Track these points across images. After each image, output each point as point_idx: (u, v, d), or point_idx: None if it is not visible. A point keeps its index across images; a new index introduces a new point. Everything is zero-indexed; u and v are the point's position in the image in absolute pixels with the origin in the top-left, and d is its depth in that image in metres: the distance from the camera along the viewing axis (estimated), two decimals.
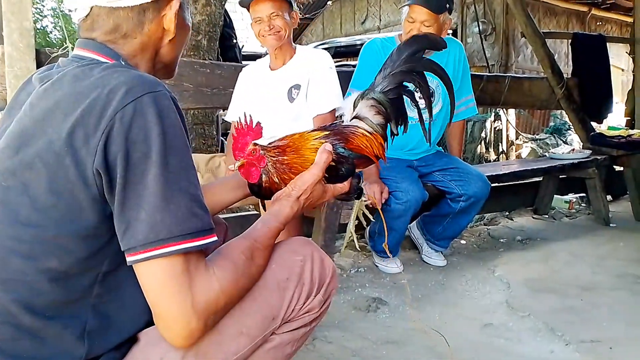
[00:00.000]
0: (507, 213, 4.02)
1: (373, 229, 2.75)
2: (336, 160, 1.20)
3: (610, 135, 4.07)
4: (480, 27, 7.56)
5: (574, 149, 4.63)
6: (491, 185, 2.74)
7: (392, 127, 1.39)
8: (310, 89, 2.34)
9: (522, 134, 7.58)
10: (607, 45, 4.60)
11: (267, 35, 2.27)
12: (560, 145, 6.95)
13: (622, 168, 4.20)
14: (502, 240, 3.37)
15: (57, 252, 0.84)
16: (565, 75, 4.39)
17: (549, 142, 7.25)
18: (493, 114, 6.88)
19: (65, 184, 0.82)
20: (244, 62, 3.36)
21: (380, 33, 9.57)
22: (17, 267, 0.84)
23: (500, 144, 7.11)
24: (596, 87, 4.40)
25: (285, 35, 2.29)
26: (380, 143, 1.33)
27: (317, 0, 11.38)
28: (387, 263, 2.77)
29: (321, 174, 1.15)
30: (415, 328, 2.06)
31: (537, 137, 7.63)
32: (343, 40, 7.89)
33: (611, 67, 4.71)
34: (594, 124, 4.56)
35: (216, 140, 4.20)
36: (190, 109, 3.52)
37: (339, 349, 1.89)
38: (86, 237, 0.85)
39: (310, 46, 3.58)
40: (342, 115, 1.38)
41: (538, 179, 4.03)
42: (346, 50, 6.97)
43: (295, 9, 2.34)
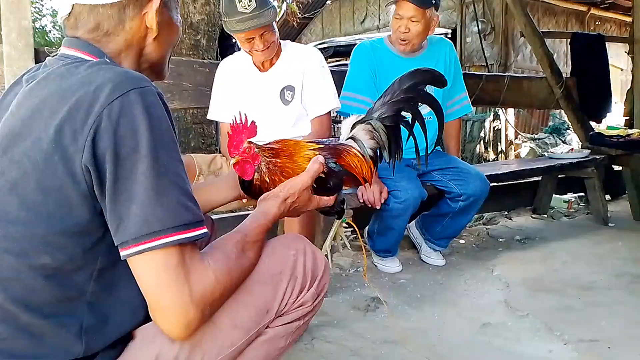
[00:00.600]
0: (506, 213, 4.02)
1: (372, 229, 2.75)
2: (326, 173, 1.25)
3: (609, 135, 4.07)
4: (480, 27, 7.57)
5: (573, 149, 4.63)
6: (490, 184, 2.74)
7: (385, 154, 1.45)
8: (306, 92, 2.32)
9: (521, 133, 7.60)
10: (606, 44, 4.60)
11: (259, 52, 2.21)
12: (559, 144, 6.96)
13: (621, 168, 4.20)
14: (501, 239, 3.37)
15: (48, 249, 0.84)
16: (564, 75, 4.39)
17: (548, 142, 7.27)
18: (492, 113, 6.90)
19: (54, 181, 0.82)
20: None
21: (379, 32, 9.58)
22: (11, 265, 0.84)
23: (499, 143, 7.13)
24: (595, 86, 4.40)
25: (276, 46, 2.25)
26: (370, 167, 1.38)
27: (316, 0, 11.38)
28: (386, 262, 2.77)
29: (310, 181, 1.18)
30: (412, 327, 2.07)
31: (536, 136, 7.64)
32: (342, 39, 7.91)
33: (610, 66, 4.71)
34: (593, 123, 4.56)
35: (215, 139, 4.21)
36: (189, 108, 3.53)
37: (338, 349, 1.90)
38: (77, 233, 0.85)
39: (309, 45, 3.56)
40: (339, 122, 1.44)
41: (537, 179, 4.03)
42: (345, 50, 6.97)
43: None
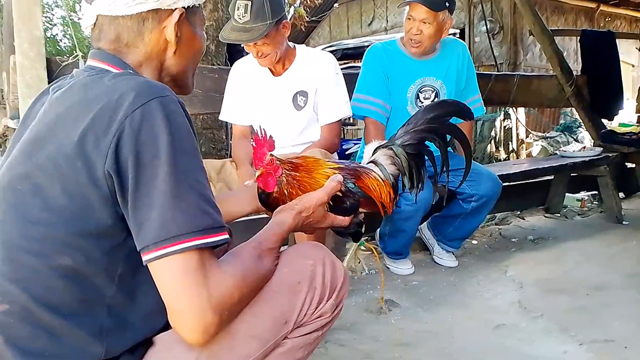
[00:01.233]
0: (519, 212, 4.00)
1: (383, 231, 2.75)
2: (343, 193, 1.25)
3: (621, 132, 4.04)
4: (488, 26, 7.53)
5: (584, 147, 4.60)
6: (502, 184, 2.73)
7: (406, 181, 1.44)
8: (319, 98, 2.31)
9: (532, 132, 7.54)
10: (617, 41, 4.56)
11: (259, 59, 2.23)
12: (571, 143, 6.90)
13: (634, 165, 4.16)
14: (513, 240, 3.35)
15: (69, 251, 0.86)
16: (574, 73, 4.36)
17: (560, 140, 7.21)
18: (502, 112, 6.85)
19: (77, 186, 0.85)
20: None
21: (387, 34, 9.56)
22: (31, 265, 0.86)
23: (510, 142, 7.08)
24: (606, 83, 4.37)
25: (276, 56, 2.22)
26: (389, 192, 1.38)
27: (324, 3, 11.39)
28: (399, 265, 2.76)
29: (326, 198, 1.19)
30: (427, 330, 2.06)
31: (548, 135, 7.58)
32: (350, 42, 7.90)
33: (621, 63, 4.66)
34: (604, 121, 4.52)
35: (226, 144, 4.22)
36: (199, 114, 3.55)
37: (351, 352, 1.89)
38: (97, 235, 0.87)
39: (318, 49, 3.57)
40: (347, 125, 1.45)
41: (549, 178, 4.00)
42: (353, 52, 6.98)
43: (286, 19, 2.23)
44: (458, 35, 8.05)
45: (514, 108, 6.68)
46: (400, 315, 2.22)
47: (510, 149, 7.06)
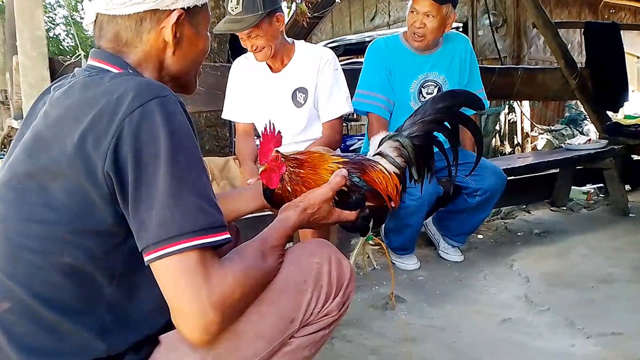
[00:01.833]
0: (524, 206, 3.98)
1: (388, 226, 2.74)
2: (348, 187, 1.24)
3: (627, 124, 4.01)
4: (491, 20, 7.50)
5: (590, 139, 4.57)
6: (507, 178, 2.72)
7: (413, 172, 1.41)
8: (319, 95, 2.30)
9: (537, 125, 7.51)
10: (621, 32, 4.53)
11: (254, 54, 2.22)
12: (576, 135, 6.86)
13: (639, 157, 4.14)
14: (519, 234, 3.34)
15: (70, 249, 0.86)
16: (579, 65, 4.34)
17: (565, 133, 7.17)
18: (507, 106, 6.83)
19: (78, 185, 0.85)
20: None
21: (390, 29, 9.53)
22: (33, 263, 0.87)
23: (515, 136, 7.05)
24: (611, 75, 4.34)
25: (270, 51, 2.20)
26: (396, 184, 1.35)
27: None
28: (404, 260, 2.76)
29: (331, 193, 1.18)
30: (432, 325, 2.06)
31: (553, 128, 7.54)
32: (353, 37, 7.89)
33: (626, 54, 4.63)
34: (609, 113, 4.49)
35: (229, 141, 4.23)
36: (202, 111, 3.56)
37: (357, 348, 1.89)
38: (98, 234, 0.87)
39: (320, 45, 3.56)
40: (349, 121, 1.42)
41: (554, 171, 3.98)
42: (356, 48, 6.97)
43: (280, 12, 2.21)
44: (461, 29, 8.02)
45: (518, 101, 6.66)
46: (406, 310, 2.21)
47: (515, 142, 7.04)
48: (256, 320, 0.97)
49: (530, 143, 7.23)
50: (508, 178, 2.74)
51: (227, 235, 0.88)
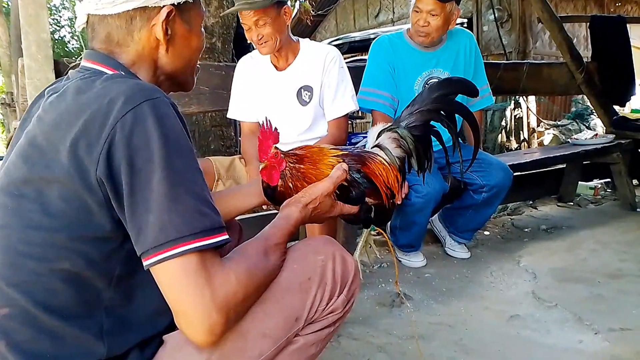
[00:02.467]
0: (531, 202, 3.96)
1: (394, 224, 2.74)
2: (349, 182, 1.24)
3: (634, 119, 3.98)
4: (496, 15, 7.46)
5: (597, 134, 4.54)
6: (513, 174, 2.71)
7: (413, 163, 1.41)
8: (324, 93, 2.30)
9: (544, 120, 7.47)
10: (628, 26, 4.49)
11: (259, 45, 2.21)
12: (583, 130, 6.82)
13: None
14: (526, 230, 3.33)
15: (68, 255, 0.86)
16: (585, 59, 4.31)
17: (572, 128, 7.13)
18: (513, 102, 6.79)
19: (73, 192, 0.85)
20: None
21: (394, 26, 9.51)
22: (32, 269, 0.87)
23: (521, 132, 7.02)
24: (617, 69, 4.30)
25: (275, 43, 2.20)
26: (396, 175, 1.35)
27: None
28: (411, 257, 2.75)
29: (332, 187, 1.18)
30: (440, 322, 2.05)
31: (559, 123, 7.50)
32: (357, 35, 7.86)
33: (632, 48, 4.59)
34: (616, 107, 4.46)
35: (235, 141, 4.23)
36: (207, 111, 3.56)
37: (364, 345, 1.89)
38: (96, 240, 0.87)
39: (324, 42, 3.55)
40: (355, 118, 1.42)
41: (561, 166, 3.97)
42: (360, 45, 6.94)
43: (288, 6, 2.22)
44: (465, 25, 7.98)
45: (524, 97, 6.63)
46: (413, 308, 2.21)
47: (522, 138, 7.00)
48: (261, 319, 0.97)
49: (537, 138, 7.19)
50: (515, 174, 2.73)
51: (226, 237, 0.88)
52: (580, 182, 4.07)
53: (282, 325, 1.00)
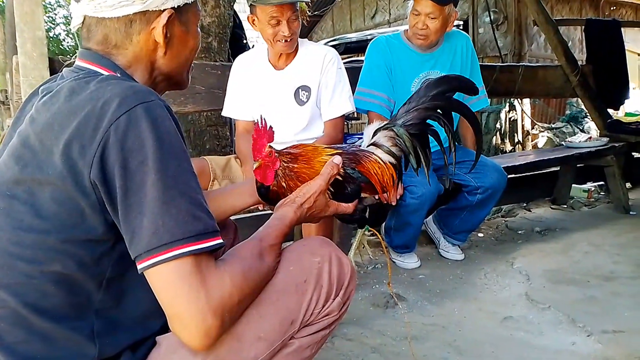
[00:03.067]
0: (525, 204, 3.98)
1: (389, 225, 2.74)
2: (343, 177, 1.22)
3: (628, 122, 4.02)
4: (492, 17, 7.49)
5: (591, 137, 4.56)
6: (508, 176, 2.72)
7: (412, 161, 1.39)
8: (322, 93, 2.30)
9: (538, 123, 7.50)
10: (622, 30, 4.51)
11: (282, 41, 2.18)
12: (577, 133, 6.85)
13: None
14: (520, 231, 3.34)
15: (60, 257, 0.86)
16: (580, 62, 4.33)
17: (566, 131, 7.16)
18: (507, 104, 6.82)
19: (66, 194, 0.84)
20: None
21: (390, 27, 9.52)
22: (23, 271, 0.86)
23: (515, 134, 7.05)
24: (612, 73, 4.33)
25: (296, 40, 2.23)
26: (392, 174, 1.33)
27: None
28: (405, 258, 2.76)
29: (325, 185, 1.17)
30: (434, 323, 2.06)
31: (554, 126, 7.53)
32: (353, 35, 7.87)
33: (627, 52, 4.63)
34: (610, 110, 4.48)
35: (230, 140, 4.22)
36: (203, 111, 3.55)
37: (358, 346, 1.89)
38: (88, 242, 0.86)
39: (321, 43, 3.56)
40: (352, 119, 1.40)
41: (555, 169, 3.98)
42: (357, 46, 6.95)
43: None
44: (461, 27, 8.01)
45: (519, 99, 6.65)
46: (407, 309, 2.21)
47: (516, 140, 7.04)
48: (256, 322, 0.96)
49: (531, 141, 7.23)
50: (509, 176, 2.74)
51: (219, 241, 0.87)
52: (574, 185, 4.09)
53: (278, 328, 0.99)
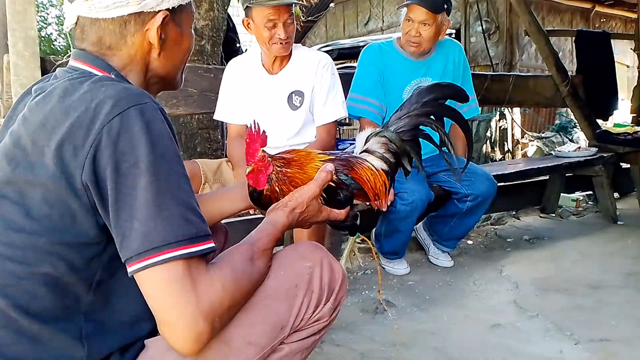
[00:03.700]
0: (514, 212, 4.00)
1: (379, 231, 2.74)
2: (336, 183, 1.22)
3: (617, 133, 4.05)
4: (484, 26, 7.56)
5: (580, 147, 4.60)
6: (497, 184, 2.73)
7: (406, 165, 1.40)
8: (315, 99, 2.31)
9: (528, 132, 7.57)
10: (612, 41, 4.57)
11: (278, 43, 2.18)
12: (567, 143, 6.91)
13: (628, 165, 4.17)
14: (509, 239, 3.35)
15: (50, 259, 0.85)
16: (570, 73, 4.37)
17: (555, 140, 7.23)
18: (498, 113, 6.87)
19: (58, 195, 0.83)
20: None
21: (383, 34, 9.56)
22: (13, 272, 0.85)
23: (505, 143, 7.10)
24: (601, 84, 4.38)
25: (292, 43, 2.24)
26: (384, 181, 1.33)
27: (320, 3, 11.39)
28: (395, 265, 2.76)
29: (318, 190, 1.15)
30: (423, 330, 2.06)
31: (543, 135, 7.60)
32: (346, 42, 7.90)
33: (616, 63, 4.68)
34: (599, 121, 4.53)
35: (222, 144, 4.21)
36: (195, 113, 3.54)
37: (347, 352, 1.89)
38: (79, 244, 0.86)
39: (314, 48, 3.57)
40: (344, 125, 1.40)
41: (544, 178, 4.01)
42: (349, 52, 6.96)
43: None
44: (454, 36, 8.06)
45: (509, 108, 6.71)
46: (396, 315, 2.22)
47: (506, 149, 7.09)
48: (246, 327, 0.95)
49: (521, 150, 7.28)
50: (498, 184, 2.76)
51: (211, 245, 0.87)
52: (562, 194, 4.11)
53: (268, 333, 0.98)
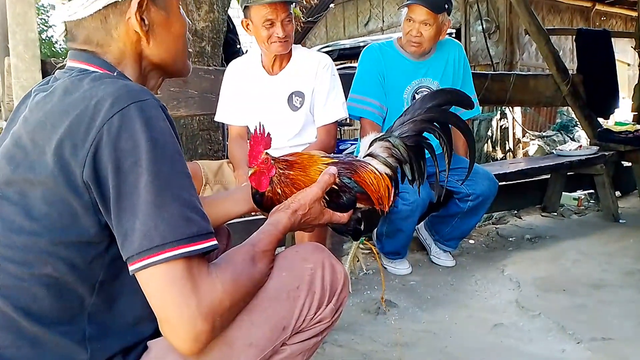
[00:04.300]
0: (516, 212, 4.00)
1: (381, 231, 2.74)
2: (339, 186, 1.22)
3: (618, 131, 4.05)
4: (484, 26, 7.55)
5: (581, 146, 4.61)
6: (499, 183, 2.73)
7: (407, 172, 1.40)
8: (315, 99, 2.30)
9: (529, 131, 7.56)
10: (612, 40, 4.57)
11: (277, 42, 2.18)
12: (568, 142, 6.91)
13: (630, 163, 4.17)
14: (511, 239, 3.35)
15: (51, 260, 0.84)
16: (570, 72, 4.37)
17: (556, 139, 7.23)
18: (499, 112, 6.87)
19: (58, 194, 0.83)
20: None
21: (383, 34, 9.56)
22: (13, 274, 0.84)
23: (506, 142, 7.09)
24: (602, 82, 4.38)
25: (291, 42, 2.24)
26: (387, 185, 1.32)
27: (320, 4, 11.40)
28: (396, 265, 2.76)
29: (321, 193, 1.15)
30: (425, 330, 2.06)
31: (544, 134, 7.60)
32: (346, 42, 7.90)
33: (617, 62, 4.67)
34: (600, 119, 4.53)
35: (222, 145, 4.21)
36: (195, 115, 3.54)
37: (349, 352, 1.89)
38: (80, 244, 0.85)
39: (314, 49, 3.57)
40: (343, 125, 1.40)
41: (546, 177, 4.01)
42: (350, 53, 6.97)
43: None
44: (454, 35, 8.06)
45: (510, 107, 6.70)
46: (398, 315, 2.22)
47: (507, 148, 7.08)
48: (248, 328, 0.95)
49: (522, 149, 7.27)
50: (500, 183, 2.76)
51: (213, 242, 0.86)
52: (564, 193, 4.11)
53: (269, 335, 0.98)
